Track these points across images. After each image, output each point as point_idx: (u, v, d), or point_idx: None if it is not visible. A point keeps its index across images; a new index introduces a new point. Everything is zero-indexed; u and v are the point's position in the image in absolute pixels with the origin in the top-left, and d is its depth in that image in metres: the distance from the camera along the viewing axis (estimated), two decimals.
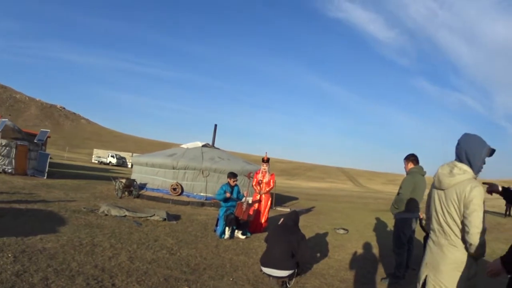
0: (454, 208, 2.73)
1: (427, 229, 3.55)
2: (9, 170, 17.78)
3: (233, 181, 8.88)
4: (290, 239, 5.26)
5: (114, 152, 69.79)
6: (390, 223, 9.04)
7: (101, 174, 28.48)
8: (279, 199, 18.83)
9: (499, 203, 28.57)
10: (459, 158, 2.89)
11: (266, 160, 10.11)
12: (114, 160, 63.40)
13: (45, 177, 18.52)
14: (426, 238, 7.26)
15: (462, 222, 2.69)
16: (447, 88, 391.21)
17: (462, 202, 2.68)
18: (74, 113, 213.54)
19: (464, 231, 2.68)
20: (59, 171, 24.27)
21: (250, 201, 9.86)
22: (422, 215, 7.50)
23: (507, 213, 19.74)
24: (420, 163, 6.26)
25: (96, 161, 65.79)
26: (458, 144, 2.91)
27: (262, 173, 10.02)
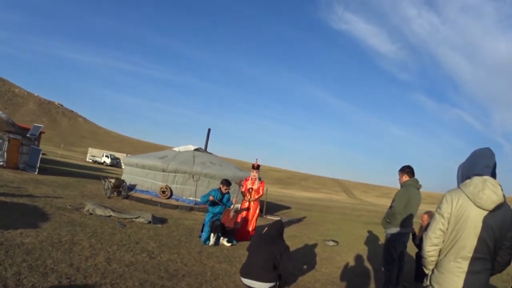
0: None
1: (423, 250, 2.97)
2: (0, 163, 17.58)
3: (225, 189, 8.69)
4: (272, 250, 5.06)
5: (108, 152, 69.47)
6: (382, 236, 8.90)
7: (93, 173, 28.24)
8: (270, 207, 18.65)
9: None
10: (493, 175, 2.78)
11: (256, 167, 9.95)
12: (108, 160, 63.07)
13: (36, 173, 18.35)
14: (417, 254, 7.14)
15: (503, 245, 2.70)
16: (446, 104, 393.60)
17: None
18: (72, 111, 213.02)
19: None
20: (51, 168, 24.07)
21: (238, 208, 9.69)
22: (416, 230, 7.35)
23: None
24: (416, 176, 6.03)
25: (90, 160, 65.45)
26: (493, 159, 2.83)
27: (251, 179, 9.85)
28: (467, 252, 2.61)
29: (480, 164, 2.78)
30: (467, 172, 2.83)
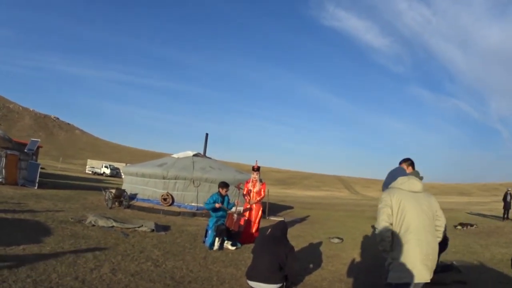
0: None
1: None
2: None
3: (225, 191, 8.68)
4: (277, 251, 5.02)
5: (108, 163, 69.38)
6: None
7: (94, 184, 28.15)
8: (273, 208, 18.62)
9: (496, 206, 28.60)
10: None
11: (256, 169, 9.92)
12: (108, 171, 62.96)
13: (35, 187, 18.30)
14: None
15: None
16: (442, 94, 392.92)
17: None
18: (68, 124, 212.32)
19: None
20: (51, 181, 23.99)
21: (241, 211, 9.66)
22: None
23: (505, 216, 19.72)
24: (416, 168, 5.99)
25: (90, 172, 65.34)
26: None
27: (252, 182, 9.81)
28: (415, 225, 3.58)
29: (399, 175, 4.30)
30: (392, 181, 4.11)
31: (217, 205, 8.37)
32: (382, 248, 3.74)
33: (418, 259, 3.49)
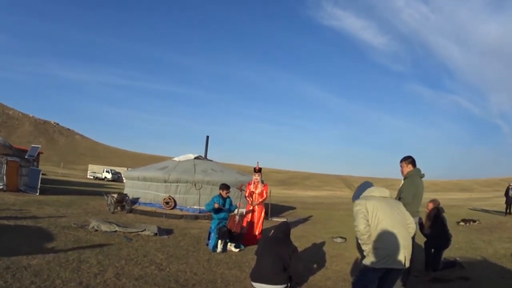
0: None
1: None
2: (1, 187, 17.50)
3: (225, 193, 8.68)
4: (280, 252, 5.04)
5: (109, 168, 69.41)
6: None
7: (95, 189, 28.15)
8: (275, 209, 18.61)
9: (498, 201, 28.60)
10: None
11: (258, 170, 9.92)
12: (109, 176, 63.01)
13: (37, 194, 18.30)
14: (426, 243, 7.16)
15: None
16: (442, 91, 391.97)
17: None
18: (68, 129, 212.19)
19: None
20: (53, 187, 24.00)
21: (243, 213, 9.65)
22: (423, 219, 7.35)
23: (508, 211, 19.72)
24: (418, 165, 5.99)
25: (91, 177, 65.40)
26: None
27: (254, 183, 9.81)
28: (390, 222, 4.18)
29: (367, 187, 4.93)
30: (360, 194, 4.75)
31: (216, 205, 8.34)
32: (362, 242, 4.25)
33: (394, 248, 4.07)
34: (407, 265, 4.17)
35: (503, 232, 12.80)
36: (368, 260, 4.18)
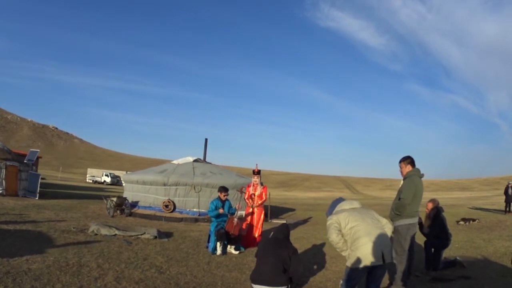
0: None
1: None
2: (0, 191, 17.45)
3: (224, 195, 8.69)
4: (280, 254, 5.02)
5: (108, 171, 69.20)
6: None
7: (95, 193, 28.13)
8: (275, 211, 18.61)
9: (498, 200, 28.60)
10: None
11: (257, 172, 9.91)
12: (108, 179, 62.77)
13: (36, 198, 18.26)
14: (426, 243, 7.17)
15: None
16: (440, 90, 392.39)
17: None
18: (67, 133, 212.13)
19: None
20: (52, 192, 23.95)
21: (243, 215, 9.65)
22: (423, 219, 7.35)
23: (507, 209, 19.72)
24: (418, 165, 6.00)
25: (91, 181, 65.18)
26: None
27: (253, 185, 9.80)
28: (364, 226, 4.57)
29: (338, 203, 5.21)
30: (333, 209, 5.11)
31: (220, 211, 8.38)
32: (339, 249, 4.73)
33: (370, 248, 4.41)
34: (388, 260, 4.50)
35: (502, 230, 12.80)
36: (350, 262, 4.55)
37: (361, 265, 4.43)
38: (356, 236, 4.53)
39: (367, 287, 4.75)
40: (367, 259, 4.40)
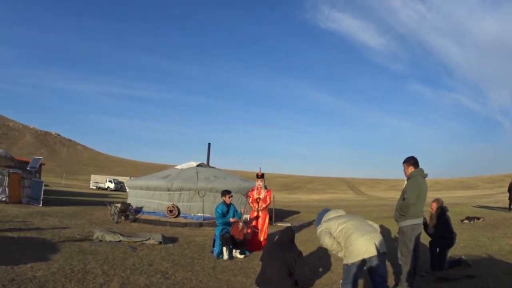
0: None
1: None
2: (3, 199, 17.51)
3: (228, 198, 8.69)
4: (286, 257, 5.03)
5: (111, 177, 69.30)
6: (394, 230, 8.83)
7: (99, 199, 28.17)
8: (280, 214, 18.58)
9: (502, 198, 28.47)
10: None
11: (260, 176, 9.90)
12: (112, 185, 62.87)
13: (40, 205, 18.28)
14: (431, 242, 7.15)
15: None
16: (442, 90, 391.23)
17: None
18: (70, 140, 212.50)
19: None
20: (56, 198, 24.01)
21: (248, 219, 9.63)
22: (427, 219, 7.33)
23: (511, 207, 19.58)
24: (421, 164, 5.98)
25: (94, 187, 65.28)
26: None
27: (257, 189, 9.79)
28: (354, 225, 4.86)
29: (324, 213, 5.44)
30: (321, 219, 5.33)
31: (231, 220, 8.44)
32: (335, 251, 4.99)
33: (363, 241, 4.64)
34: (382, 250, 4.68)
35: (507, 228, 12.72)
36: (347, 259, 4.75)
37: (358, 259, 4.60)
38: (348, 234, 4.77)
39: (373, 283, 4.84)
40: (362, 251, 4.60)
